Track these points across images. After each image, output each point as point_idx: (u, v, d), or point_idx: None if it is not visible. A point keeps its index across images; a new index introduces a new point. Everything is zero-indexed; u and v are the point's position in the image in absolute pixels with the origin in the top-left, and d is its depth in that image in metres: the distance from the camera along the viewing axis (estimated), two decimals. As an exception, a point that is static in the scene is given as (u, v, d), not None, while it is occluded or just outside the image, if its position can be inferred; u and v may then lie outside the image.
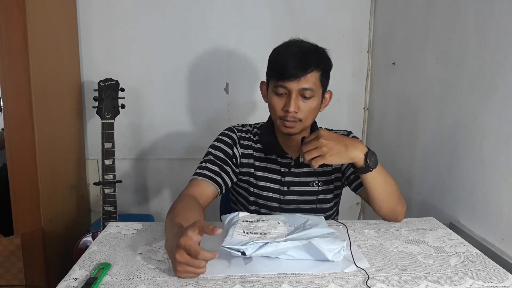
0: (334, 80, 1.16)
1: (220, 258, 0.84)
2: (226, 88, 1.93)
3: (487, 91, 1.08)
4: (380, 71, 1.87)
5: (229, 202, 1.37)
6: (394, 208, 1.08)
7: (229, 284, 0.78)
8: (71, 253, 1.60)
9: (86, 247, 1.38)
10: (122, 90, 1.60)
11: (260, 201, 1.18)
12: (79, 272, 0.81)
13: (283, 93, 1.04)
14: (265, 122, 1.22)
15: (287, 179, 1.17)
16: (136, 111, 1.90)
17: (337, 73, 1.22)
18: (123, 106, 1.61)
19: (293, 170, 1.17)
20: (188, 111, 1.94)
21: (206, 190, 1.09)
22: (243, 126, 1.23)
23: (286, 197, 1.17)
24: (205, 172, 1.11)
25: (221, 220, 1.02)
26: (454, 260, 0.90)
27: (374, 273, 0.83)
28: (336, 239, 0.87)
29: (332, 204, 1.20)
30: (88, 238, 1.58)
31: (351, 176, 1.15)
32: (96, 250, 0.91)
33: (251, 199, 1.19)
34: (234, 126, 1.22)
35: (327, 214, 1.20)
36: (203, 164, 1.13)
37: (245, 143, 1.19)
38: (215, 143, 1.18)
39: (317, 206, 1.18)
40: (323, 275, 0.81)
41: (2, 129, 1.47)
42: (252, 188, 1.18)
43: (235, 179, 1.18)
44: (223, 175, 1.13)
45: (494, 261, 0.90)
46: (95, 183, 1.62)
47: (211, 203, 1.11)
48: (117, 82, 1.59)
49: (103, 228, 1.18)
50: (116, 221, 1.56)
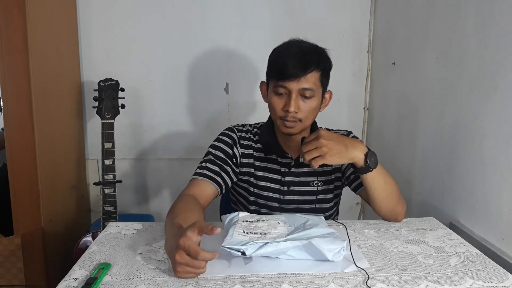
0: (334, 80, 1.16)
1: (220, 258, 0.84)
2: (226, 88, 1.93)
3: (487, 91, 1.08)
4: (380, 71, 1.87)
5: (229, 202, 1.37)
6: (394, 208, 1.08)
7: (229, 284, 0.78)
8: (71, 253, 1.60)
9: (86, 247, 1.38)
10: (122, 90, 1.60)
11: (260, 201, 1.18)
12: (79, 272, 0.81)
13: (283, 93, 1.04)
14: (265, 122, 1.22)
15: (287, 179, 1.17)
16: (136, 111, 1.90)
17: (337, 73, 1.22)
18: (123, 106, 1.61)
19: (293, 170, 1.17)
20: (188, 111, 1.94)
21: (206, 190, 1.09)
22: (243, 126, 1.23)
23: (286, 197, 1.17)
24: (205, 172, 1.11)
25: (221, 220, 1.02)
26: (454, 260, 0.90)
27: (374, 273, 0.83)
28: (336, 239, 0.87)
29: (332, 204, 1.20)
30: (88, 238, 1.58)
31: (351, 176, 1.15)
32: (96, 250, 0.91)
33: (251, 199, 1.19)
34: (234, 126, 1.22)
35: (327, 214, 1.20)
36: (203, 164, 1.13)
37: (245, 143, 1.19)
38: (215, 143, 1.18)
39: (317, 206, 1.18)
40: (323, 275, 0.81)
41: (2, 129, 1.47)
42: (252, 188, 1.18)
43: (235, 179, 1.18)
44: (223, 175, 1.13)
45: (494, 261, 0.90)
46: (95, 183, 1.62)
47: (211, 203, 1.11)
48: (117, 82, 1.59)
49: (103, 228, 1.18)
50: (116, 221, 1.56)
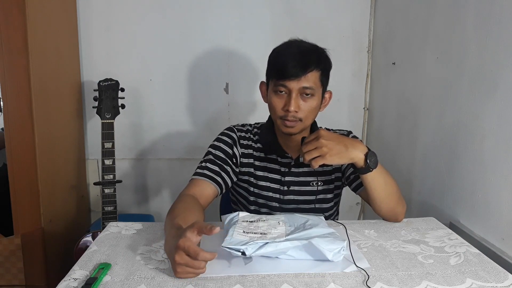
0: (334, 80, 1.16)
1: (220, 258, 0.84)
2: (226, 88, 1.93)
3: (487, 91, 1.08)
4: (380, 71, 1.87)
5: (229, 202, 1.37)
6: (394, 208, 1.08)
7: (229, 284, 0.78)
8: (71, 253, 1.60)
9: (86, 247, 1.38)
10: (122, 90, 1.60)
11: (260, 201, 1.18)
12: (79, 272, 0.81)
13: (284, 92, 1.05)
14: (265, 122, 1.22)
15: (287, 178, 1.17)
16: (136, 111, 1.90)
17: (337, 73, 1.22)
18: (123, 106, 1.61)
19: (293, 169, 1.17)
20: (188, 111, 1.94)
21: (206, 190, 1.09)
22: (243, 126, 1.23)
23: (286, 197, 1.17)
24: (205, 172, 1.11)
25: (221, 220, 1.02)
26: (454, 260, 0.90)
27: (374, 273, 0.83)
28: (336, 239, 0.87)
29: (332, 204, 1.20)
30: (88, 238, 1.57)
31: (351, 176, 1.15)
32: (96, 250, 0.91)
33: (251, 198, 1.19)
34: (234, 126, 1.22)
35: (327, 214, 1.20)
36: (203, 164, 1.13)
37: (245, 142, 1.19)
38: (215, 143, 1.18)
39: (317, 206, 1.18)
40: (323, 275, 0.81)
41: (2, 129, 1.47)
42: (252, 188, 1.18)
43: (235, 179, 1.18)
44: (223, 174, 1.13)
45: (494, 261, 0.90)
46: (95, 183, 1.62)
47: (211, 203, 1.11)
48: (117, 82, 1.59)
49: (103, 228, 1.18)
50: (116, 221, 1.56)
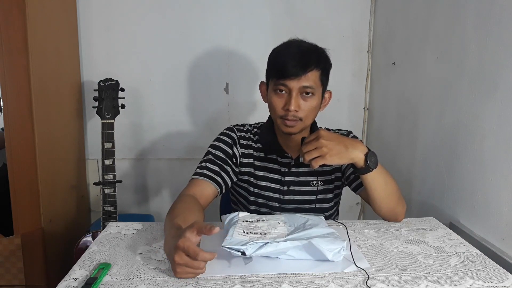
0: (334, 80, 1.16)
1: (220, 258, 0.84)
2: (226, 88, 1.93)
3: (487, 91, 1.08)
4: (380, 71, 1.87)
5: (229, 202, 1.37)
6: (394, 208, 1.08)
7: (229, 284, 0.78)
8: (71, 253, 1.60)
9: (86, 247, 1.38)
10: (122, 90, 1.60)
11: (260, 201, 1.18)
12: (79, 272, 0.81)
13: (284, 92, 1.05)
14: (265, 122, 1.22)
15: (287, 178, 1.17)
16: (136, 111, 1.90)
17: (337, 73, 1.22)
18: (123, 106, 1.61)
19: (293, 169, 1.17)
20: (188, 111, 1.94)
21: (206, 190, 1.09)
22: (243, 126, 1.23)
23: (286, 197, 1.17)
24: (205, 171, 1.11)
25: (221, 220, 1.02)
26: (454, 260, 0.90)
27: (374, 273, 0.83)
28: (336, 239, 0.87)
29: (332, 204, 1.20)
30: (88, 238, 1.57)
31: (351, 176, 1.15)
32: (96, 250, 0.91)
33: (251, 198, 1.19)
34: (234, 126, 1.22)
35: (327, 214, 1.20)
36: (203, 164, 1.13)
37: (245, 142, 1.19)
38: (215, 143, 1.18)
39: (317, 206, 1.18)
40: (323, 275, 0.81)
41: (2, 129, 1.47)
42: (252, 188, 1.18)
43: (235, 179, 1.18)
44: (223, 174, 1.13)
45: (494, 261, 0.90)
46: (95, 183, 1.62)
47: (211, 203, 1.11)
48: (117, 82, 1.59)
49: (103, 228, 1.18)
50: (116, 221, 1.56)
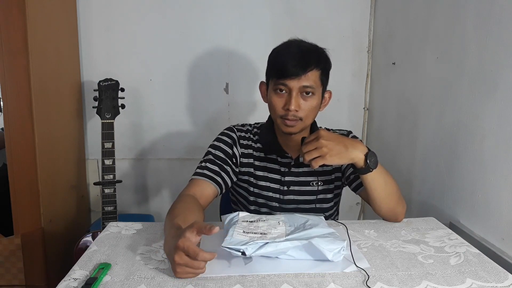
0: (334, 80, 1.16)
1: (220, 258, 0.84)
2: (226, 88, 1.93)
3: (487, 91, 1.08)
4: (380, 71, 1.87)
5: (229, 202, 1.37)
6: (394, 208, 1.08)
7: (229, 284, 0.78)
8: (71, 253, 1.60)
9: (86, 247, 1.38)
10: (122, 90, 1.60)
11: (260, 201, 1.18)
12: (79, 272, 0.81)
13: (284, 91, 1.05)
14: (265, 122, 1.22)
15: (287, 178, 1.17)
16: (136, 111, 1.90)
17: (337, 73, 1.22)
18: (123, 106, 1.61)
19: (293, 169, 1.17)
20: (188, 111, 1.94)
21: (206, 190, 1.09)
22: (243, 126, 1.23)
23: (286, 197, 1.17)
24: (205, 171, 1.11)
25: (221, 220, 1.02)
26: (454, 260, 0.90)
27: (374, 273, 0.83)
28: (336, 239, 0.87)
29: (332, 203, 1.20)
30: (88, 238, 1.57)
31: (351, 176, 1.15)
32: (96, 250, 0.91)
33: (251, 198, 1.19)
34: (234, 126, 1.22)
35: (327, 214, 1.20)
36: (203, 164, 1.13)
37: (245, 142, 1.19)
38: (215, 143, 1.18)
39: (317, 205, 1.18)
40: (323, 275, 0.81)
41: (2, 129, 1.47)
42: (252, 188, 1.18)
43: (235, 179, 1.18)
44: (223, 174, 1.13)
45: (494, 261, 0.90)
46: (95, 183, 1.62)
47: (211, 203, 1.11)
48: (117, 82, 1.59)
49: (103, 228, 1.18)
50: (116, 221, 1.56)
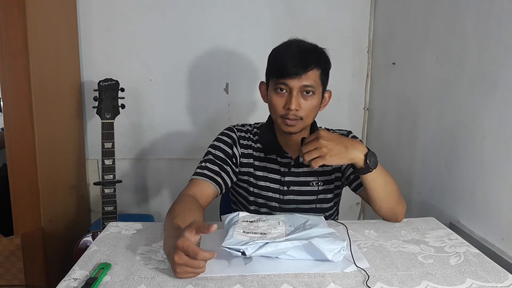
0: (334, 80, 1.16)
1: (220, 258, 0.84)
2: (226, 88, 1.93)
3: (487, 91, 1.08)
4: (380, 71, 1.87)
5: (229, 202, 1.37)
6: (394, 208, 1.08)
7: (229, 284, 0.78)
8: (71, 253, 1.60)
9: (86, 247, 1.38)
10: (122, 90, 1.60)
11: (260, 201, 1.18)
12: (79, 272, 0.81)
13: (284, 91, 1.05)
14: (265, 122, 1.22)
15: (287, 178, 1.17)
16: (136, 111, 1.90)
17: (337, 73, 1.22)
18: (123, 106, 1.61)
19: (293, 169, 1.17)
20: (188, 111, 1.94)
21: (206, 190, 1.09)
22: (242, 126, 1.23)
23: (286, 197, 1.17)
24: (205, 171, 1.11)
25: (221, 220, 1.02)
26: (454, 260, 0.90)
27: (374, 273, 0.83)
28: (336, 239, 0.87)
29: (332, 204, 1.20)
30: (88, 238, 1.57)
31: (351, 176, 1.15)
32: (96, 250, 0.91)
33: (251, 199, 1.19)
34: (234, 126, 1.22)
35: (327, 214, 1.20)
36: (203, 164, 1.13)
37: (245, 142, 1.19)
38: (215, 143, 1.18)
39: (317, 206, 1.18)
40: (323, 275, 0.81)
41: (2, 129, 1.47)
42: (252, 188, 1.18)
43: (235, 179, 1.18)
44: (223, 174, 1.13)
45: (494, 261, 0.90)
46: (95, 183, 1.62)
47: (211, 203, 1.11)
48: (117, 82, 1.59)
49: (103, 228, 1.18)
50: (116, 221, 1.56)
